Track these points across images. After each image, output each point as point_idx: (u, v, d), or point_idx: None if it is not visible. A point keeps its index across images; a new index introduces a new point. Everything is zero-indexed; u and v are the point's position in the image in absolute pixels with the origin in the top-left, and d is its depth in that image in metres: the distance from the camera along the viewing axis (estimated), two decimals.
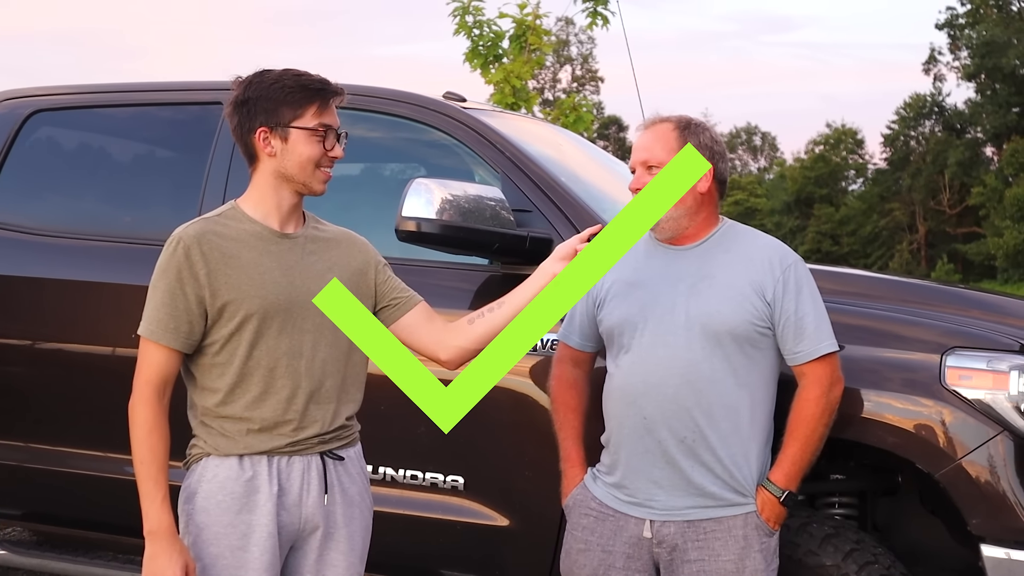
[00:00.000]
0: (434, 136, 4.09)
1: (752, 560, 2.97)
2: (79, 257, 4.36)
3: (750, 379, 3.02)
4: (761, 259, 3.07)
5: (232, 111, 2.75)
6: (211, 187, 4.10)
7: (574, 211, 3.74)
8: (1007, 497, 3.10)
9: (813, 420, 2.99)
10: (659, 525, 3.01)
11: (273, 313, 2.69)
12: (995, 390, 3.12)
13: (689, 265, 3.10)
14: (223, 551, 2.66)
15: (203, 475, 2.71)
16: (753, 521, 2.99)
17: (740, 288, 3.02)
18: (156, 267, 2.68)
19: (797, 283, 3.04)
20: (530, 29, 9.30)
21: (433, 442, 3.76)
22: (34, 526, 4.68)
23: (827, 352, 3.02)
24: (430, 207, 3.47)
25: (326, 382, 2.78)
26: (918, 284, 4.29)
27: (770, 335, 3.03)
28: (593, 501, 3.14)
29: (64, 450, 4.26)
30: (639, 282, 3.12)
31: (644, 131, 3.17)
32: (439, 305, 3.80)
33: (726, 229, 3.18)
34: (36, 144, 4.70)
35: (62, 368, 4.35)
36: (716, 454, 2.98)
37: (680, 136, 3.10)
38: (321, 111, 2.72)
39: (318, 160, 2.73)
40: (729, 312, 2.99)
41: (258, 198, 2.77)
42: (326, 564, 2.79)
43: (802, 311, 3.02)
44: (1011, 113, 57.85)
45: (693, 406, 2.98)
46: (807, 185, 68.80)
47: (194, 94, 4.50)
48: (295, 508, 2.72)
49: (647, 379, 3.02)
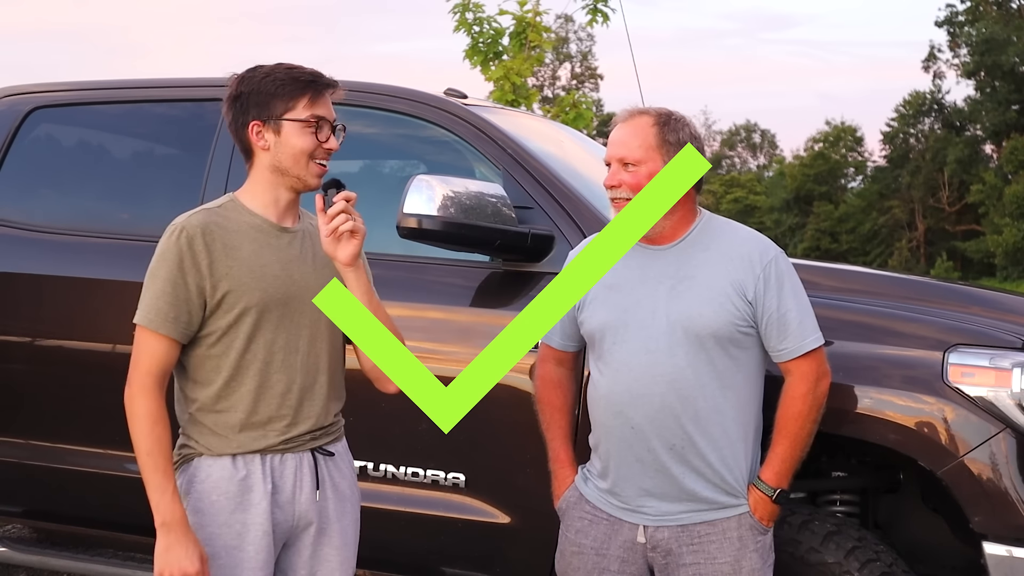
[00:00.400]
0: (436, 133, 4.08)
1: (748, 560, 2.96)
2: (80, 254, 4.36)
3: (735, 380, 2.97)
4: (740, 256, 2.99)
5: (227, 107, 2.75)
6: (212, 184, 4.09)
7: (576, 208, 3.73)
8: (1009, 494, 3.09)
9: (801, 417, 2.96)
10: (653, 530, 3.00)
11: (272, 307, 2.68)
12: (997, 387, 3.11)
13: (668, 266, 3.02)
14: (218, 551, 2.65)
15: (195, 476, 2.69)
16: (747, 521, 2.97)
17: (721, 288, 2.95)
18: (155, 255, 2.66)
19: (778, 279, 2.97)
20: (530, 26, 9.29)
21: (434, 439, 3.75)
22: (34, 523, 4.68)
23: (812, 348, 2.96)
24: (431, 204, 3.46)
25: (319, 378, 2.78)
26: (919, 281, 4.28)
27: (754, 334, 2.98)
28: (586, 504, 3.12)
29: (64, 447, 4.26)
30: (618, 285, 3.05)
31: (621, 124, 3.05)
32: (440, 303, 3.82)
33: (704, 225, 3.08)
34: (36, 141, 4.69)
35: (62, 365, 4.34)
36: (706, 459, 2.95)
37: (659, 131, 2.99)
38: (313, 102, 2.71)
39: (312, 152, 2.72)
40: (710, 314, 2.93)
41: (256, 192, 2.76)
42: (320, 560, 2.79)
43: (784, 307, 2.95)
44: (1010, 111, 57.81)
45: (680, 413, 2.94)
46: (806, 182, 68.75)
47: (194, 91, 4.49)
48: (288, 505, 2.72)
49: (632, 388, 2.97)
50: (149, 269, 2.67)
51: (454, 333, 3.80)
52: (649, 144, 2.99)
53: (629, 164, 2.99)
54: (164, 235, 2.68)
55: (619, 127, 3.05)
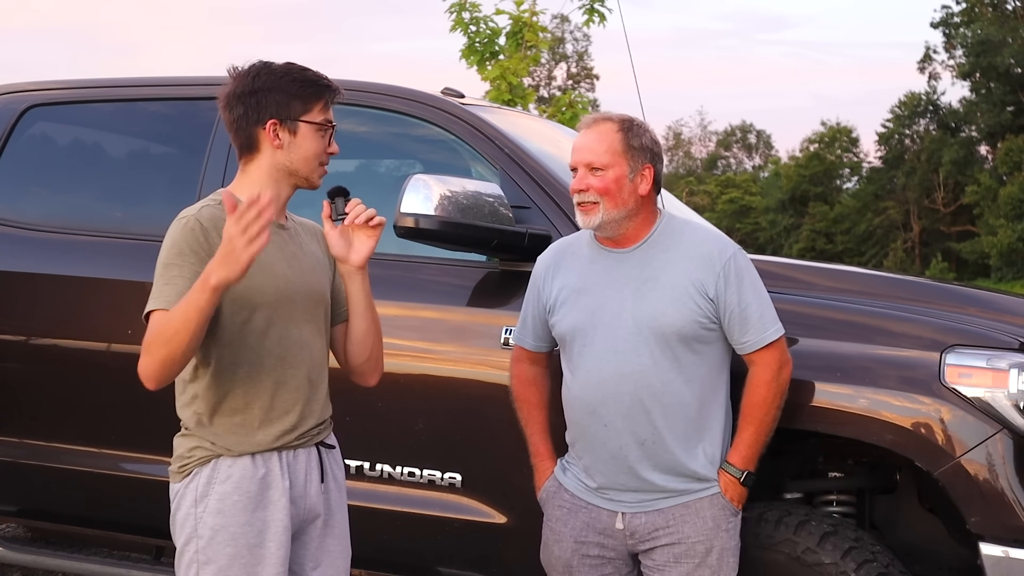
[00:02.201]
0: (433, 132, 4.08)
1: (720, 539, 3.09)
2: (75, 252, 4.35)
3: (700, 373, 3.11)
4: (700, 256, 3.12)
5: (234, 102, 2.73)
6: (208, 183, 4.07)
7: (572, 208, 3.72)
8: (1006, 495, 3.09)
9: (766, 404, 3.09)
10: (631, 517, 3.14)
11: (282, 303, 2.70)
12: (994, 388, 3.11)
13: (632, 268, 3.16)
14: (240, 550, 2.65)
15: (214, 477, 2.68)
16: (719, 502, 3.11)
17: (683, 288, 3.09)
18: (167, 245, 2.63)
19: (738, 275, 3.10)
20: (527, 26, 9.28)
21: (431, 439, 3.77)
22: (29, 522, 4.67)
23: (774, 339, 3.10)
24: (428, 203, 3.46)
25: (322, 372, 2.82)
26: (915, 281, 4.28)
27: (717, 329, 3.11)
28: (565, 493, 3.24)
29: (59, 446, 4.25)
30: (585, 288, 3.19)
31: (586, 131, 3.19)
32: (436, 302, 3.82)
33: (663, 226, 3.21)
34: (32, 139, 4.68)
35: (57, 364, 4.33)
36: (674, 453, 3.09)
37: (624, 137, 3.13)
38: (326, 108, 2.76)
39: (320, 155, 2.75)
40: (674, 313, 3.07)
41: (255, 189, 2.72)
42: (324, 550, 2.83)
43: (745, 302, 3.09)
44: (1005, 112, 57.86)
45: (650, 409, 3.08)
46: (802, 183, 68.72)
47: (191, 89, 4.47)
48: (301, 500, 2.76)
49: (603, 388, 3.10)
50: (161, 259, 2.63)
51: (450, 332, 3.79)
52: (615, 149, 3.12)
53: (596, 169, 3.12)
54: (174, 225, 2.65)
55: (584, 133, 3.18)
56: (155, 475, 3.91)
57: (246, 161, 2.77)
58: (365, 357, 2.90)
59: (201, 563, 2.66)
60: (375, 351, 2.91)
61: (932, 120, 65.27)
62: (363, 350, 2.89)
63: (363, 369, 2.93)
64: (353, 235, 2.77)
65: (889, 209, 63.45)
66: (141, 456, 4.07)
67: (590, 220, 3.13)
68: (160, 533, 4.13)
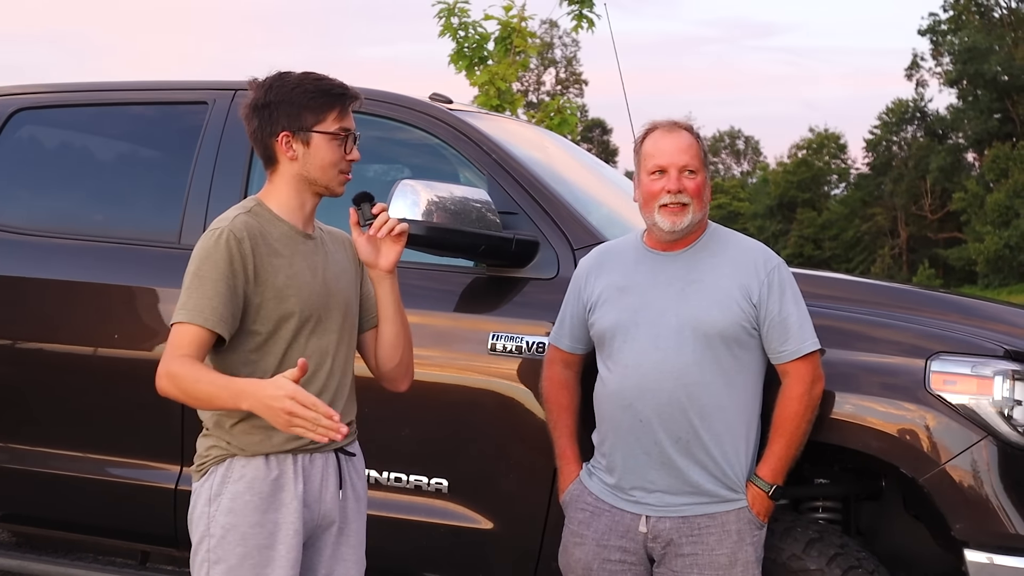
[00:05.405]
0: (420, 137, 4.07)
1: (744, 553, 3.09)
2: (62, 256, 4.33)
3: (739, 378, 3.13)
4: (746, 262, 3.19)
5: (251, 114, 2.76)
6: (196, 187, 4.06)
7: (560, 213, 3.74)
8: (990, 502, 3.11)
9: (797, 417, 3.10)
10: (655, 520, 3.13)
11: (309, 313, 2.72)
12: (979, 395, 3.13)
13: (678, 269, 3.20)
14: (250, 551, 2.66)
15: (228, 476, 2.69)
16: (745, 516, 3.11)
17: (728, 291, 3.13)
18: (198, 257, 2.64)
19: (781, 285, 3.16)
20: (515, 31, 9.28)
21: (417, 444, 3.77)
22: (13, 527, 4.65)
23: (810, 351, 3.11)
24: (416, 209, 3.46)
25: (345, 380, 2.84)
26: (901, 288, 4.29)
27: (756, 336, 3.14)
28: (589, 496, 3.24)
29: (45, 451, 4.23)
30: (630, 287, 3.21)
31: (670, 136, 3.22)
32: (424, 307, 3.81)
33: (711, 233, 3.28)
34: (19, 143, 4.66)
35: (44, 368, 4.31)
36: (710, 452, 3.09)
37: (700, 145, 3.24)
38: (341, 116, 2.76)
39: (338, 164, 2.76)
40: (718, 314, 3.11)
41: (282, 199, 2.78)
42: (338, 559, 2.84)
43: (786, 311, 3.12)
44: (992, 119, 58.15)
45: (688, 407, 3.09)
46: (790, 189, 68.95)
47: (179, 93, 4.47)
48: (315, 505, 2.76)
49: (642, 383, 3.11)
50: (192, 271, 2.64)
51: (436, 338, 3.79)
52: (699, 155, 3.22)
53: (690, 171, 3.17)
54: (205, 237, 2.67)
55: (668, 138, 3.22)
56: (141, 480, 3.90)
57: (271, 172, 2.80)
58: (396, 362, 2.93)
59: (212, 562, 2.68)
60: (405, 356, 2.94)
61: (919, 127, 65.57)
62: (394, 355, 2.92)
63: (394, 375, 2.96)
64: (380, 241, 2.81)
65: (877, 215, 63.68)
66: (126, 460, 4.04)
67: (679, 221, 3.16)
68: (145, 538, 4.14)
